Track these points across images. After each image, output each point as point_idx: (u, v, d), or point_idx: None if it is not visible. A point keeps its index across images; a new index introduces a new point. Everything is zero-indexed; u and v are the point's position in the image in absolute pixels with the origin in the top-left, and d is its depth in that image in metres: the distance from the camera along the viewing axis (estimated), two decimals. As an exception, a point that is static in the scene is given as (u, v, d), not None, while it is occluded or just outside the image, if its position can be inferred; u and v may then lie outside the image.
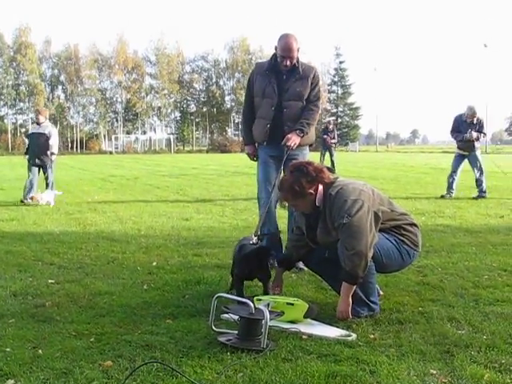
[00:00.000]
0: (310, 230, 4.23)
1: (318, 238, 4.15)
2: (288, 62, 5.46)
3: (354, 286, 3.87)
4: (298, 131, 5.46)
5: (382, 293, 4.40)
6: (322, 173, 4.10)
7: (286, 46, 5.43)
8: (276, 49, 5.53)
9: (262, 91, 5.59)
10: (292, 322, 3.78)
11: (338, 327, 3.72)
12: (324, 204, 4.01)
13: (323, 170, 4.12)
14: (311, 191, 4.04)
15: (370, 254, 3.82)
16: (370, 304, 3.98)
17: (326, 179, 4.09)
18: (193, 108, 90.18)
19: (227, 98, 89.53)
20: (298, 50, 5.49)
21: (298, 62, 5.52)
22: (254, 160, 5.92)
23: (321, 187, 4.05)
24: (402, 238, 4.09)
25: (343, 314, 3.88)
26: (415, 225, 4.24)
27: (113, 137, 79.13)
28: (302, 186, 4.02)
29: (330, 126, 24.16)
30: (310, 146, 5.86)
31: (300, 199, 4.06)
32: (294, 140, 5.41)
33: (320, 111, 6.07)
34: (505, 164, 24.58)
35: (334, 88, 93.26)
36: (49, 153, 12.22)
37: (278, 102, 5.53)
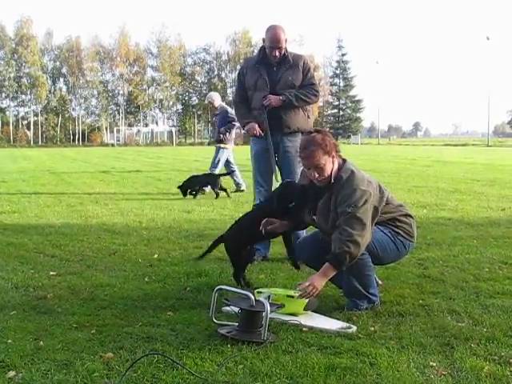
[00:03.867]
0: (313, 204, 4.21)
1: (317, 212, 4.12)
2: (277, 53, 5.47)
3: (334, 272, 3.82)
4: (281, 96, 5.47)
5: (380, 282, 4.40)
6: (337, 147, 4.03)
7: (274, 37, 5.43)
8: (264, 41, 5.54)
9: (253, 84, 5.59)
10: (292, 314, 3.79)
11: (338, 319, 3.73)
12: (334, 184, 3.97)
13: (338, 145, 4.06)
14: (334, 154, 3.96)
15: (362, 249, 3.78)
16: (370, 296, 3.98)
17: (340, 154, 4.04)
18: (195, 100, 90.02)
19: (229, 91, 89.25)
20: (285, 41, 5.49)
21: (286, 51, 5.54)
22: (261, 134, 5.59)
23: (336, 162, 3.99)
24: (397, 229, 4.08)
25: (311, 288, 3.75)
26: (410, 215, 4.22)
27: (114, 129, 79.01)
28: (331, 144, 3.94)
29: (225, 108, 13.09)
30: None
31: (326, 157, 3.91)
32: (271, 100, 5.43)
33: (319, 100, 6.09)
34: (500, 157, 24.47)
35: (336, 80, 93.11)
36: None
37: (271, 93, 5.51)
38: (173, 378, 2.83)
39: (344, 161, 4.05)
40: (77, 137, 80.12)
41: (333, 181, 3.99)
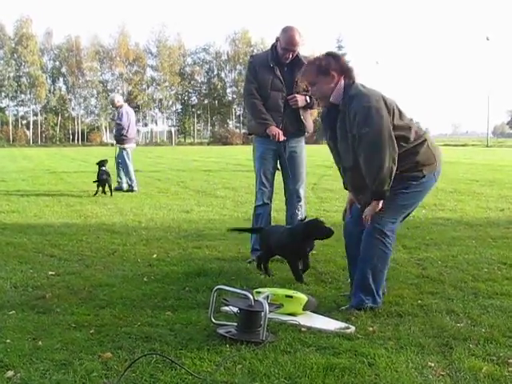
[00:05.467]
0: (333, 143, 4.18)
1: (339, 146, 4.09)
2: (290, 55, 5.43)
3: (381, 202, 3.86)
4: (306, 96, 5.45)
5: (385, 291, 4.35)
6: (351, 70, 4.05)
7: (291, 40, 5.37)
8: (277, 40, 5.46)
9: (268, 84, 5.46)
10: (291, 314, 3.79)
11: (337, 320, 3.73)
12: (343, 104, 3.95)
13: (352, 69, 4.08)
14: (334, 74, 3.97)
15: (394, 168, 3.78)
16: (376, 296, 3.98)
17: (351, 78, 4.03)
18: (194, 100, 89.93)
19: (229, 91, 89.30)
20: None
21: (298, 53, 5.49)
22: (284, 140, 5.46)
23: (342, 83, 4.00)
24: (421, 173, 4.02)
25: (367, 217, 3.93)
26: (424, 139, 4.05)
27: (114, 129, 79.03)
28: (329, 65, 3.97)
29: (122, 109, 13.11)
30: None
31: (321, 77, 3.97)
32: (297, 98, 5.41)
33: None
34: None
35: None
36: None
37: (287, 95, 5.45)
38: (171, 377, 2.83)
39: (353, 82, 4.02)
40: (76, 136, 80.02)
41: (332, 99, 4.01)
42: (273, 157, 5.61)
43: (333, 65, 3.97)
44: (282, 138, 5.44)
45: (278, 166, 5.71)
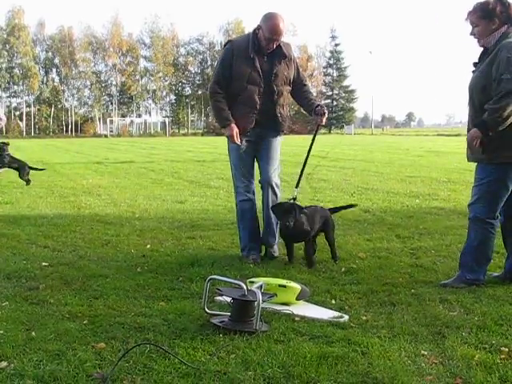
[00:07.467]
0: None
1: (470, 82, 4.25)
2: (274, 45, 5.03)
3: (480, 134, 4.01)
4: (325, 109, 5.18)
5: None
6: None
7: (275, 29, 4.92)
8: (259, 28, 5.01)
9: (245, 76, 5.03)
10: (284, 303, 3.80)
11: (330, 309, 3.74)
12: (493, 48, 4.06)
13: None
14: (496, 21, 4.06)
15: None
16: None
17: None
18: (188, 91, 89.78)
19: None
20: None
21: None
22: (240, 141, 5.11)
23: (502, 30, 4.07)
24: None
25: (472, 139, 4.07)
26: None
27: (108, 120, 78.76)
28: (494, 10, 4.05)
29: None
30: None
31: (483, 21, 4.09)
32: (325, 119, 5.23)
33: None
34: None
35: (330, 71, 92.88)
36: None
37: (265, 88, 5.09)
38: (165, 367, 2.83)
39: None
40: (70, 128, 79.74)
41: (487, 43, 4.12)
42: (251, 148, 5.24)
43: (498, 11, 4.06)
44: (237, 140, 5.09)
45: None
